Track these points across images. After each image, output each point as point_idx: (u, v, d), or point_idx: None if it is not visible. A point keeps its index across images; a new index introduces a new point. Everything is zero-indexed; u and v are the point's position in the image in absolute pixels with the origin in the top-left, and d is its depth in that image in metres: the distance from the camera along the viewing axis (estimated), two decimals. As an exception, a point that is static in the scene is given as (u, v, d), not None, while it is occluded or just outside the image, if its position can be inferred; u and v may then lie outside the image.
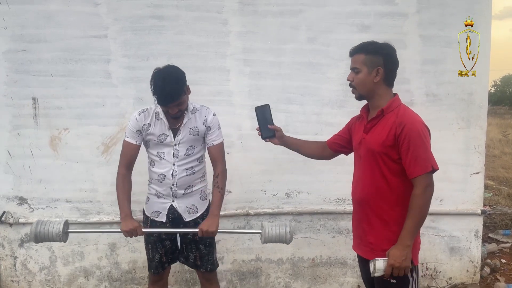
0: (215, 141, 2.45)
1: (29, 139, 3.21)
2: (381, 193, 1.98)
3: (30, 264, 3.36)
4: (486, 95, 3.38)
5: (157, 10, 3.13)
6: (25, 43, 3.12)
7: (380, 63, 1.95)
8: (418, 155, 1.85)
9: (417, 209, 1.87)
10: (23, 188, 3.27)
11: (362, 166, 2.07)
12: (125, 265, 3.39)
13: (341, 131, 2.36)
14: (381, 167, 1.96)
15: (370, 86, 1.99)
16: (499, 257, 4.07)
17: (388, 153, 1.93)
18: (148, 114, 2.39)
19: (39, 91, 3.17)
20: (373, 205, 2.01)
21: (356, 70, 2.02)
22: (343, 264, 3.48)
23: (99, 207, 3.30)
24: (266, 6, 3.17)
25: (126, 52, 3.15)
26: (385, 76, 1.97)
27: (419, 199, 1.86)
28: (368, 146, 2.00)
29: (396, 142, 1.90)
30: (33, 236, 2.25)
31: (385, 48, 1.99)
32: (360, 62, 1.99)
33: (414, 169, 1.86)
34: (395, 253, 1.88)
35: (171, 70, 2.26)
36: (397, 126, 1.89)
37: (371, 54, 1.97)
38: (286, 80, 3.26)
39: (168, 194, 2.43)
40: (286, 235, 2.30)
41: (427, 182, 1.87)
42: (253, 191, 3.37)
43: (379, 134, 1.96)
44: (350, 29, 3.22)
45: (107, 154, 3.24)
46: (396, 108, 1.97)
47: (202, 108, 2.45)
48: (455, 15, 3.24)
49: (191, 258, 2.53)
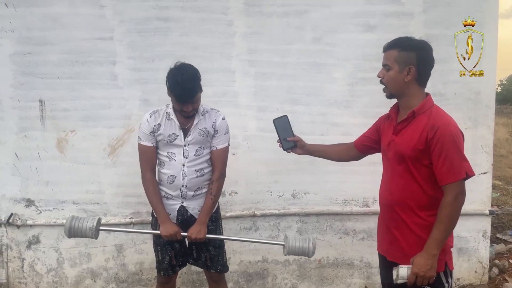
0: (219, 145, 2.45)
1: (36, 141, 3.23)
2: (414, 197, 1.89)
3: (37, 266, 3.38)
4: (493, 94, 3.36)
5: (162, 12, 3.14)
6: (32, 46, 3.13)
7: (412, 61, 1.85)
8: (451, 160, 1.76)
9: (446, 218, 1.78)
10: (30, 190, 3.29)
11: (391, 169, 1.98)
12: (132, 267, 3.39)
13: (368, 131, 2.26)
14: (411, 171, 1.87)
15: (401, 85, 1.89)
16: (508, 258, 4.04)
17: (419, 158, 1.84)
18: (158, 115, 2.41)
19: (45, 93, 3.18)
20: (405, 209, 1.92)
21: (387, 67, 1.92)
22: (350, 265, 3.46)
23: (106, 208, 3.31)
24: (271, 6, 3.17)
25: (131, 54, 3.16)
26: (417, 75, 1.87)
27: (449, 208, 1.77)
28: (398, 149, 1.91)
29: (427, 146, 1.80)
30: (67, 230, 2.29)
31: (419, 46, 1.89)
32: (392, 59, 1.89)
33: (446, 176, 1.77)
34: (420, 261, 1.79)
35: (187, 67, 2.28)
36: (429, 129, 1.79)
37: (404, 51, 1.86)
38: (291, 80, 3.25)
39: (178, 195, 2.43)
40: (309, 249, 2.30)
41: (459, 190, 1.77)
42: (259, 192, 3.36)
43: (410, 137, 1.86)
44: (355, 29, 3.21)
45: (114, 155, 3.25)
46: (428, 110, 1.87)
47: (212, 111, 2.47)
48: (461, 14, 3.22)
49: (202, 258, 2.53)
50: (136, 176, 2.53)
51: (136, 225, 3.29)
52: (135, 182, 2.65)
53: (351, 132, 3.28)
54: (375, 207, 3.38)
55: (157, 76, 3.04)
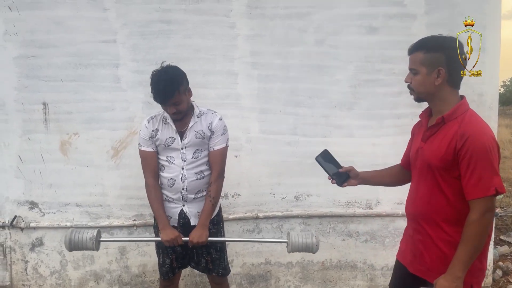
0: (216, 146, 2.44)
1: (40, 144, 3.24)
2: (440, 211, 1.76)
3: (41, 268, 3.38)
4: (496, 96, 3.35)
5: (165, 15, 3.15)
6: (35, 49, 3.15)
7: (441, 62, 1.70)
8: (480, 174, 1.60)
9: (472, 238, 1.62)
10: (34, 193, 3.30)
11: (418, 178, 1.86)
12: (135, 269, 3.40)
13: (408, 145, 2.10)
14: (439, 182, 1.73)
15: (431, 89, 1.74)
16: (511, 260, 4.02)
17: (448, 169, 1.69)
18: (156, 120, 2.42)
19: (49, 96, 3.19)
20: (430, 222, 1.80)
21: (413, 71, 1.77)
22: (353, 267, 3.46)
23: (109, 211, 3.32)
24: (273, 9, 3.17)
25: (135, 57, 3.17)
26: (449, 76, 1.72)
27: (476, 227, 1.62)
28: (425, 158, 1.78)
29: (456, 157, 1.65)
30: (67, 244, 2.27)
31: (447, 44, 1.72)
32: (418, 62, 1.74)
33: (473, 190, 1.62)
34: (443, 284, 1.65)
35: (168, 70, 2.29)
36: (459, 138, 1.64)
37: (430, 52, 1.71)
38: (294, 82, 3.26)
39: (179, 198, 2.44)
40: (312, 244, 2.29)
41: (486, 207, 1.61)
42: (262, 194, 3.36)
43: (438, 146, 1.72)
44: (358, 31, 3.21)
45: (117, 158, 3.26)
46: (460, 116, 1.70)
47: (209, 112, 2.46)
48: (464, 15, 3.18)
49: (202, 263, 2.53)
50: (139, 178, 2.54)
51: (139, 227, 3.30)
52: (138, 185, 2.66)
53: (354, 134, 3.30)
54: (378, 209, 3.37)
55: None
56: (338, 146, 3.27)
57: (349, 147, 3.24)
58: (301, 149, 3.29)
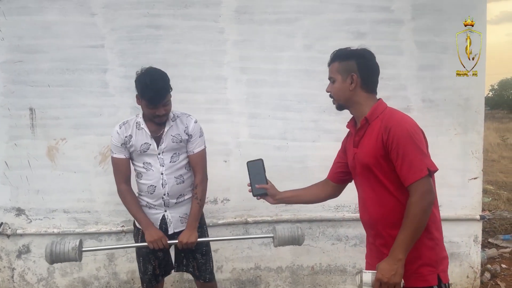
0: (195, 149, 2.41)
1: (27, 150, 3.21)
2: (391, 210, 1.77)
3: (28, 276, 3.34)
4: (482, 100, 3.40)
5: (153, 20, 3.14)
6: (22, 54, 3.12)
7: (353, 68, 1.84)
8: (410, 158, 1.66)
9: (412, 219, 1.64)
10: (20, 199, 3.26)
11: (362, 184, 1.89)
12: (124, 275, 3.37)
13: (337, 157, 2.15)
14: (381, 181, 1.77)
15: (347, 94, 1.86)
16: (499, 262, 4.06)
17: (383, 164, 1.74)
18: (128, 126, 2.37)
19: (36, 101, 3.17)
20: (385, 225, 1.79)
21: (331, 79, 1.91)
22: (343, 271, 3.46)
23: (97, 217, 3.29)
24: (262, 14, 3.19)
25: (123, 62, 3.16)
26: (362, 82, 1.84)
27: (415, 208, 1.64)
28: (361, 160, 1.83)
29: (386, 150, 1.71)
30: (48, 256, 2.18)
31: (358, 53, 1.87)
32: (334, 70, 1.89)
33: (408, 175, 1.66)
34: (384, 266, 1.66)
35: (154, 69, 2.27)
36: (383, 131, 1.72)
37: (344, 60, 1.86)
38: (283, 87, 3.27)
39: (160, 204, 2.41)
40: (299, 236, 2.29)
41: (424, 188, 1.65)
42: (252, 199, 3.27)
43: (368, 145, 1.79)
44: (346, 36, 3.24)
45: (105, 163, 3.23)
46: (381, 114, 1.80)
47: (183, 116, 2.43)
48: (450, 21, 3.26)
49: (190, 267, 2.52)
50: (127, 184, 2.52)
51: (127, 233, 3.27)
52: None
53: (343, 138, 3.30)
54: (367, 213, 3.38)
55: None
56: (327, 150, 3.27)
57: (338, 152, 3.25)
58: (291, 154, 3.30)
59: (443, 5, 3.25)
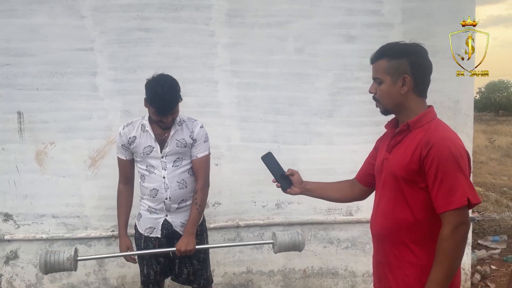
0: (199, 154, 2.40)
1: (14, 154, 3.16)
2: (404, 226, 1.58)
3: (16, 282, 3.28)
4: (472, 103, 3.43)
5: (144, 23, 3.12)
6: (10, 57, 3.08)
7: (406, 69, 1.58)
8: (449, 183, 1.45)
9: (446, 255, 1.45)
10: (8, 204, 3.21)
11: (383, 192, 1.69)
12: (114, 281, 3.33)
13: (367, 158, 1.93)
14: (405, 195, 1.57)
15: (398, 99, 1.61)
16: (489, 264, 4.09)
17: (414, 180, 1.54)
18: (133, 127, 2.35)
19: (24, 105, 3.12)
20: (395, 242, 1.62)
21: (378, 80, 1.65)
22: (335, 274, 3.46)
23: (87, 222, 3.25)
24: (253, 17, 3.18)
25: (112, 65, 3.13)
26: (414, 84, 1.60)
27: (449, 242, 1.44)
28: (390, 168, 1.62)
29: (422, 166, 1.51)
30: (42, 267, 2.13)
31: (411, 49, 1.62)
32: (382, 70, 1.62)
33: (444, 202, 1.45)
34: None
35: (166, 78, 2.22)
36: (423, 145, 1.50)
37: (394, 59, 1.60)
38: (274, 90, 3.26)
39: (162, 209, 2.39)
40: (299, 242, 2.26)
41: (460, 220, 1.44)
42: (243, 202, 3.34)
43: (403, 155, 1.58)
44: (337, 39, 3.25)
45: (94, 167, 3.20)
46: (426, 124, 1.58)
47: (189, 120, 2.42)
48: (439, 24, 3.28)
49: (184, 274, 2.48)
50: (117, 188, 2.50)
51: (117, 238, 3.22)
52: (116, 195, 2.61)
53: (334, 141, 3.32)
54: (358, 216, 3.39)
55: (138, 87, 2.97)
56: (318, 153, 3.31)
57: (329, 154, 3.27)
58: (282, 157, 3.24)
59: (432, 9, 3.28)
